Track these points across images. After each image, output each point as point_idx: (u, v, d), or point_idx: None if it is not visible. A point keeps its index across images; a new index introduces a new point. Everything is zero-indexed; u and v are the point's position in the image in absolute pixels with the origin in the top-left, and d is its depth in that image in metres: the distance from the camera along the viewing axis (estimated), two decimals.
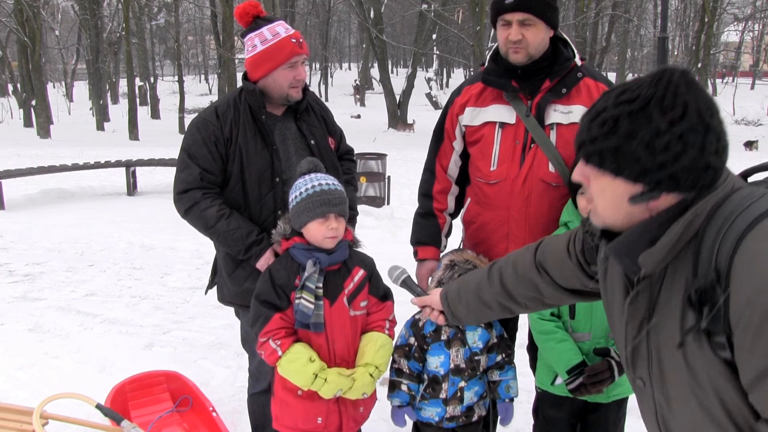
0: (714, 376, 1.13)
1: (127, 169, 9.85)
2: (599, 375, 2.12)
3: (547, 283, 1.61)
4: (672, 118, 1.10)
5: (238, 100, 2.38)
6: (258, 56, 2.30)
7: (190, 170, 2.33)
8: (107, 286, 5.30)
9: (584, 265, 1.53)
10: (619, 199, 1.19)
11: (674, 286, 1.19)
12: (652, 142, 1.11)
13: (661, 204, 1.17)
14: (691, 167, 1.11)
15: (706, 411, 1.17)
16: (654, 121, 1.11)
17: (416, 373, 2.29)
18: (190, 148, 2.35)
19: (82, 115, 31.43)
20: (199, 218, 2.33)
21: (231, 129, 2.34)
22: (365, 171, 8.65)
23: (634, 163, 1.13)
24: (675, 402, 1.26)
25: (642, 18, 34.95)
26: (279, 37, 2.28)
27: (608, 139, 1.15)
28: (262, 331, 2.07)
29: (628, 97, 1.14)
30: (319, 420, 2.14)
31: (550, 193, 2.26)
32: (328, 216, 2.06)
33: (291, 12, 31.83)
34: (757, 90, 40.41)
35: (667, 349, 1.22)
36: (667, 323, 1.21)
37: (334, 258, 2.11)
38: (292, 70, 2.31)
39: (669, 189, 1.14)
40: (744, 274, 1.05)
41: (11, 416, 2.53)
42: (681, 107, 1.10)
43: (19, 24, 22.21)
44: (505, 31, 2.21)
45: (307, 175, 2.13)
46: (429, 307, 1.88)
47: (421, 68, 34.89)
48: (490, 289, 1.71)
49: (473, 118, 2.36)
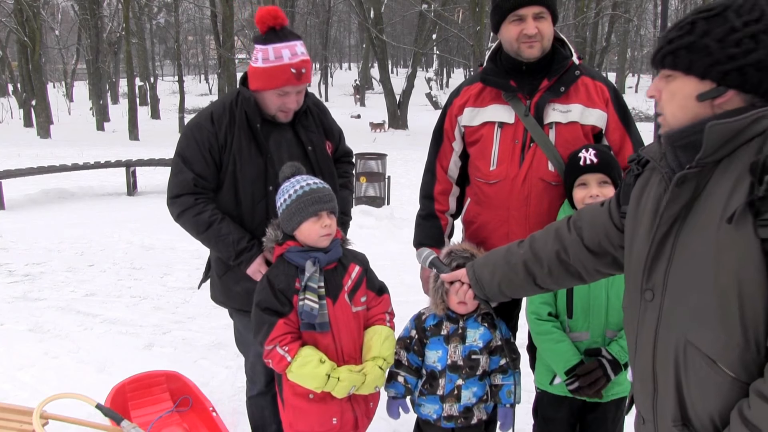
0: (744, 261, 1.16)
1: (127, 169, 9.86)
2: (592, 374, 2.13)
3: (575, 241, 1.66)
4: (747, 20, 1.18)
5: (235, 105, 2.34)
6: (255, 71, 2.26)
7: (184, 175, 2.31)
8: (107, 286, 5.30)
9: (614, 212, 1.59)
10: (688, 99, 1.25)
11: (724, 178, 1.22)
12: (725, 37, 1.18)
13: (727, 104, 1.22)
14: (759, 64, 1.17)
15: (721, 308, 1.20)
16: (729, 21, 1.19)
17: (415, 367, 2.29)
18: (184, 153, 2.32)
19: (82, 115, 31.41)
20: (190, 223, 2.32)
21: (226, 135, 2.31)
22: (365, 171, 8.65)
23: (705, 57, 1.20)
24: (687, 301, 1.27)
25: (642, 18, 34.95)
26: (280, 62, 2.20)
27: (683, 39, 1.23)
28: (267, 339, 2.05)
29: (707, 7, 1.23)
30: (335, 420, 2.15)
31: (549, 192, 2.26)
32: (321, 214, 2.07)
33: (291, 12, 31.82)
34: None
35: (696, 239, 1.25)
36: (706, 213, 1.24)
37: (331, 256, 2.12)
38: (282, 97, 2.27)
39: (736, 84, 1.20)
40: None
41: (11, 416, 2.54)
42: (758, 11, 1.18)
43: (19, 24, 22.20)
44: (517, 26, 2.20)
45: (292, 177, 2.13)
46: (458, 282, 1.93)
47: (421, 68, 34.89)
48: (518, 250, 1.76)
49: (472, 118, 2.36)
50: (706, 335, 1.23)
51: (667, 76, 1.28)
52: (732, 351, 1.19)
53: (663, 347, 1.33)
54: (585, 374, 2.14)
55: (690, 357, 1.26)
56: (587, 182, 2.16)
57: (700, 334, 1.24)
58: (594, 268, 1.66)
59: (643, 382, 1.41)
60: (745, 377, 1.19)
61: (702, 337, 1.24)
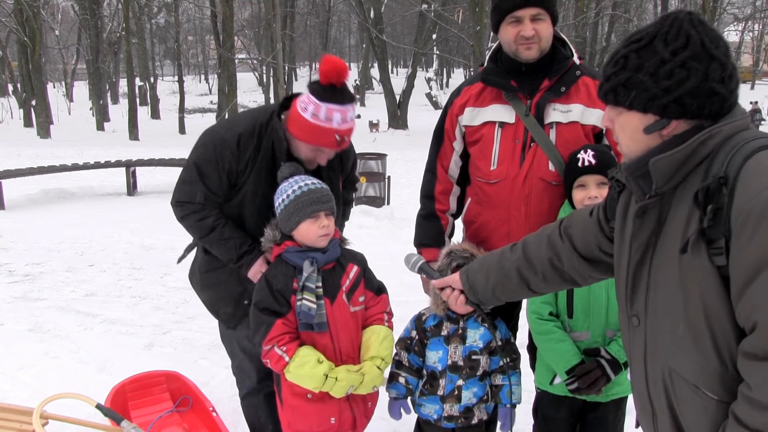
0: (705, 288, 1.18)
1: (127, 169, 9.86)
2: (590, 375, 2.13)
3: (568, 249, 1.65)
4: (675, 48, 1.19)
5: (264, 129, 2.24)
6: (300, 121, 2.14)
7: (196, 187, 2.25)
8: (107, 286, 5.30)
9: (603, 223, 1.59)
10: (636, 132, 1.27)
11: (681, 204, 1.24)
12: (657, 70, 1.19)
13: (675, 131, 1.24)
14: (695, 92, 1.18)
15: (693, 333, 1.22)
16: (659, 52, 1.20)
17: (415, 367, 2.29)
18: (202, 166, 2.24)
19: (82, 115, 31.41)
20: (194, 227, 2.31)
21: (248, 162, 2.23)
22: (365, 171, 8.65)
23: (643, 92, 1.21)
24: (664, 328, 1.29)
25: (642, 18, 34.91)
26: (328, 125, 2.11)
27: (619, 75, 1.24)
28: (265, 339, 2.05)
29: (637, 37, 1.25)
30: (333, 420, 2.15)
31: (550, 192, 2.26)
32: (319, 214, 2.06)
33: (291, 12, 31.82)
34: (757, 90, 40.40)
35: (666, 267, 1.27)
36: (670, 241, 1.26)
37: (329, 256, 2.12)
38: (315, 152, 2.20)
39: (677, 115, 1.21)
40: (750, 175, 1.12)
41: (11, 416, 2.53)
42: (684, 38, 1.18)
43: (19, 24, 22.19)
44: (514, 28, 2.20)
45: (291, 178, 2.13)
46: (449, 288, 1.90)
47: (421, 68, 34.84)
48: (512, 256, 1.74)
49: (473, 118, 2.36)
50: (685, 362, 1.25)
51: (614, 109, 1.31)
52: (711, 375, 1.21)
53: (652, 373, 1.35)
54: (584, 374, 2.14)
55: (676, 383, 1.29)
56: (586, 183, 2.15)
57: (680, 362, 1.26)
58: (589, 274, 1.66)
59: (642, 405, 1.43)
60: (728, 398, 1.20)
61: (682, 364, 1.26)
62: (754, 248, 1.09)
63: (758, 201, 1.08)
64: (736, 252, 1.12)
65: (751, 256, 1.09)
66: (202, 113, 32.12)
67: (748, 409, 1.13)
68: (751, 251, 1.09)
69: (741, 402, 1.15)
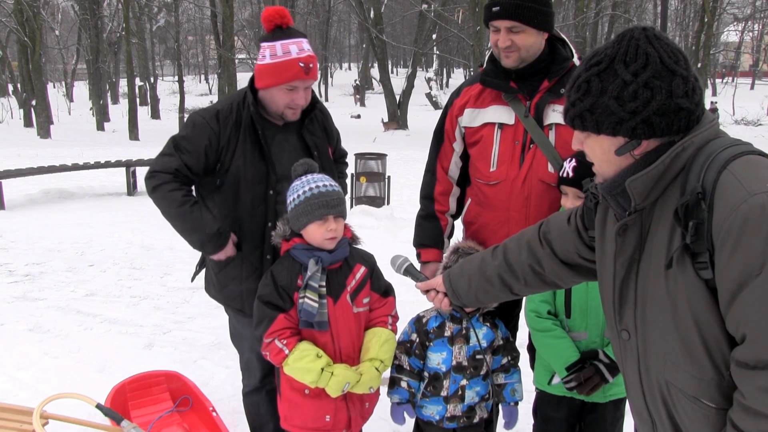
0: (694, 302, 1.18)
1: (127, 169, 9.86)
2: (589, 381, 2.14)
3: (548, 255, 1.64)
4: (635, 69, 1.18)
5: (242, 106, 2.33)
6: (263, 68, 2.25)
7: (171, 159, 2.28)
8: (107, 286, 5.30)
9: (582, 232, 1.58)
10: (608, 154, 1.27)
11: (663, 218, 1.24)
12: (620, 93, 1.19)
13: (644, 149, 1.24)
14: (661, 111, 1.18)
15: (685, 345, 1.22)
16: (620, 74, 1.19)
17: (417, 371, 2.29)
18: (181, 141, 2.30)
19: (82, 115, 31.42)
20: (164, 199, 2.27)
21: (229, 136, 2.29)
22: (365, 171, 8.65)
23: (609, 116, 1.21)
24: (656, 342, 1.30)
25: (642, 18, 34.92)
26: (288, 57, 2.21)
27: (584, 101, 1.24)
28: (267, 331, 2.07)
29: (597, 59, 1.24)
30: (328, 418, 2.16)
31: (549, 193, 2.26)
32: (327, 218, 2.07)
33: (291, 12, 31.78)
34: (757, 90, 40.39)
35: (653, 282, 1.27)
36: (654, 256, 1.26)
37: (336, 256, 2.12)
38: (290, 92, 2.25)
39: (646, 135, 1.21)
40: (727, 189, 1.12)
41: (11, 416, 2.53)
42: (643, 57, 1.18)
43: (19, 24, 22.19)
44: (494, 36, 2.23)
45: (304, 176, 2.13)
46: (433, 291, 1.90)
47: (421, 68, 34.88)
48: (492, 262, 1.74)
49: (472, 119, 2.36)
50: (682, 375, 1.25)
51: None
52: (709, 385, 1.22)
53: (648, 386, 1.35)
54: (584, 381, 2.15)
55: (674, 395, 1.29)
56: (566, 193, 2.16)
57: (677, 375, 1.27)
58: (570, 279, 1.67)
59: (640, 417, 1.43)
60: (728, 405, 1.21)
61: (679, 377, 1.26)
62: (736, 263, 1.10)
63: (735, 217, 1.09)
64: (720, 267, 1.13)
65: (734, 271, 1.10)
66: None
67: (743, 416, 1.15)
68: (733, 267, 1.10)
69: (736, 409, 1.17)
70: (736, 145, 1.19)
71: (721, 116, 25.43)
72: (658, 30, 1.23)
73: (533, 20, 2.16)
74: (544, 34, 2.23)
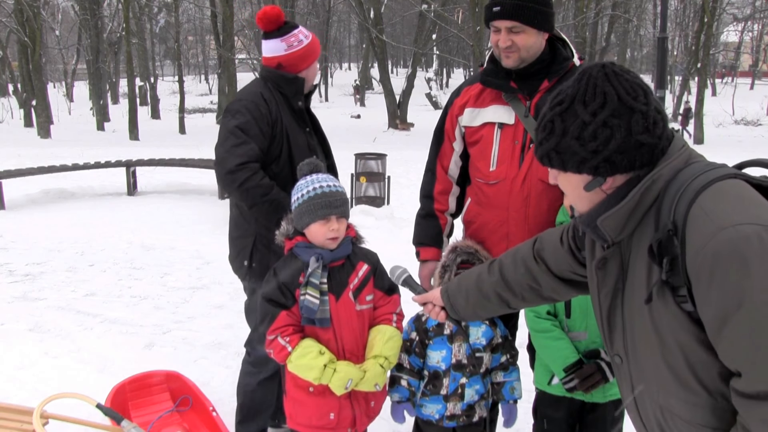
0: (679, 332, 1.19)
1: (127, 169, 9.85)
2: (590, 379, 2.14)
3: (544, 272, 1.65)
4: (594, 109, 1.20)
5: (270, 90, 2.59)
6: (302, 52, 2.60)
7: (249, 146, 2.45)
8: (107, 286, 5.30)
9: (575, 251, 1.59)
10: (577, 190, 1.29)
11: (641, 251, 1.25)
12: (581, 133, 1.20)
13: (613, 184, 1.25)
14: (621, 148, 1.19)
15: (674, 373, 1.23)
16: (579, 115, 1.21)
17: (416, 369, 2.29)
18: (244, 126, 2.47)
19: (82, 115, 31.38)
20: (257, 187, 2.42)
21: (277, 112, 2.55)
22: (365, 171, 8.64)
23: (572, 156, 1.23)
24: (646, 370, 1.30)
25: (642, 18, 34.94)
26: (310, 38, 2.63)
27: (549, 141, 1.26)
28: (270, 328, 2.09)
29: (559, 99, 1.26)
30: (332, 416, 2.16)
31: (549, 193, 2.27)
32: (330, 218, 2.09)
33: (291, 12, 31.80)
34: (757, 90, 40.39)
35: (637, 312, 1.28)
36: (636, 288, 1.27)
37: (337, 253, 2.13)
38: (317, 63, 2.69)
39: (609, 173, 1.23)
40: (696, 224, 1.12)
41: (11, 416, 2.54)
42: (601, 96, 1.19)
43: (20, 24, 22.17)
44: (495, 36, 2.23)
45: (309, 176, 2.15)
46: (430, 304, 1.90)
47: (421, 68, 34.85)
48: (489, 278, 1.74)
49: (472, 118, 2.36)
50: (676, 401, 1.26)
51: None
52: (704, 409, 1.22)
53: (644, 410, 1.36)
54: (584, 378, 2.15)
55: (670, 420, 1.29)
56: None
57: (671, 401, 1.27)
58: (568, 293, 1.68)
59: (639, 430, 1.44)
60: (724, 426, 1.22)
61: (674, 403, 1.27)
62: (713, 301, 1.10)
63: (705, 255, 1.09)
64: (699, 303, 1.14)
65: (713, 308, 1.11)
66: (202, 113, 32.09)
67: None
68: (711, 303, 1.11)
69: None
70: (706, 172, 1.19)
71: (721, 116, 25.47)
72: (617, 66, 1.25)
73: (534, 20, 2.17)
74: (544, 34, 2.23)
